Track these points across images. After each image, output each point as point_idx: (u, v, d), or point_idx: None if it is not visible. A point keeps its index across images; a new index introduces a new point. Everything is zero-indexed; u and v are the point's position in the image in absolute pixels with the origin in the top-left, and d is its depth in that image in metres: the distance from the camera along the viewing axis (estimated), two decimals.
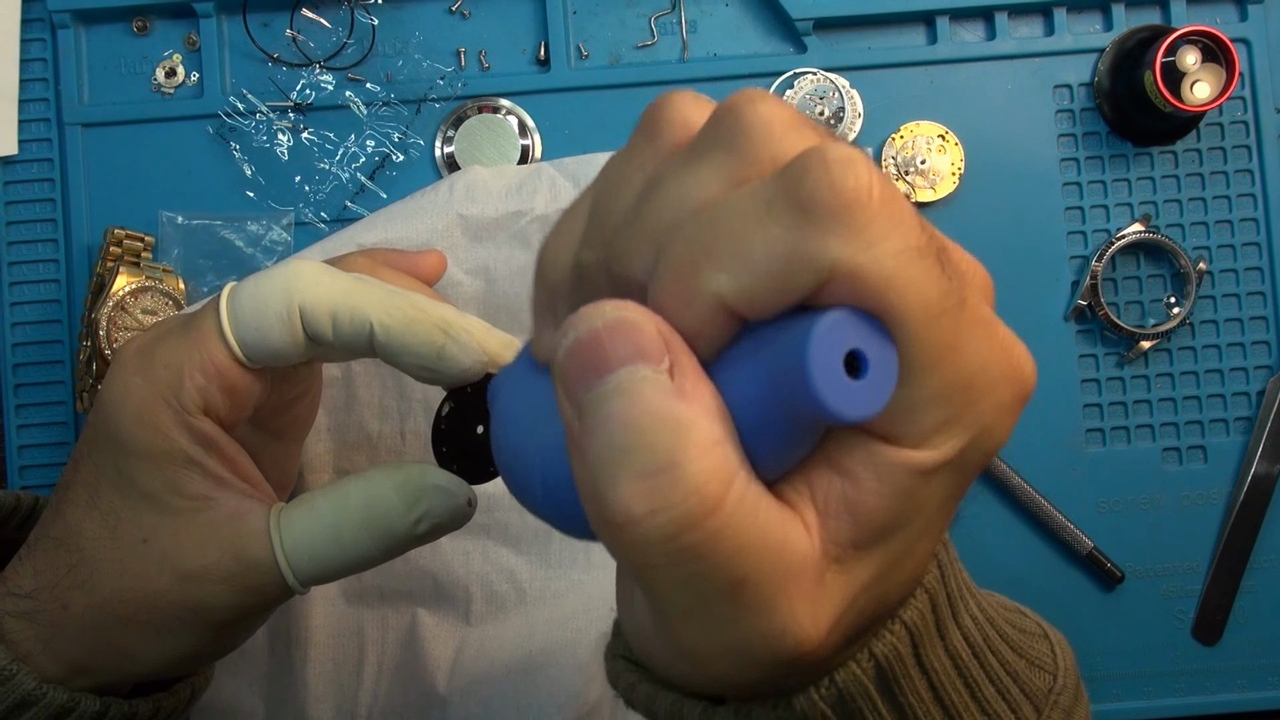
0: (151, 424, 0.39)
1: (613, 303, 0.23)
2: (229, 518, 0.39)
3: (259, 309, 0.39)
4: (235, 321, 0.39)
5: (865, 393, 0.22)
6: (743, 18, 0.59)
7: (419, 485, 0.40)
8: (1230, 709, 0.58)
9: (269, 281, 0.40)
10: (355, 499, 0.40)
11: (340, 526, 0.39)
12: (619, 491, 0.22)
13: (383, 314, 0.40)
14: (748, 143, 0.24)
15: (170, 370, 0.39)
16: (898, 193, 0.22)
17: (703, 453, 0.22)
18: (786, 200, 0.22)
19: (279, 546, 0.39)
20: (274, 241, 0.57)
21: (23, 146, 0.58)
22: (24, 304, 0.58)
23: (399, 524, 0.40)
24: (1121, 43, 0.58)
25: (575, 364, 0.23)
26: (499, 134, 0.58)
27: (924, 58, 0.58)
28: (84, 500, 0.40)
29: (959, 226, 0.58)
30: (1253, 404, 0.58)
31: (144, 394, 0.39)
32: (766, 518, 0.23)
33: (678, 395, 0.22)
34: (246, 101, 0.58)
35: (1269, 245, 0.58)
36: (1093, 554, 0.57)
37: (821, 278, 0.22)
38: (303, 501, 0.40)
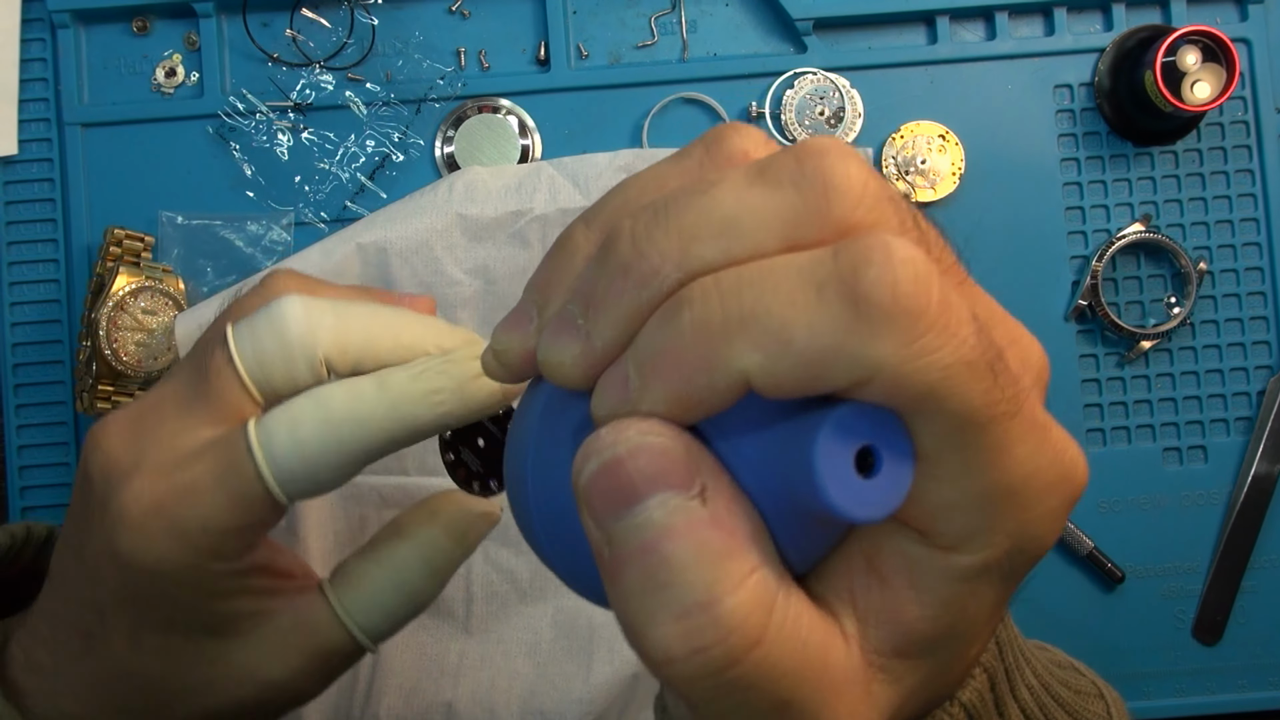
0: (200, 583, 0.36)
1: (637, 424, 0.22)
2: (296, 622, 0.38)
3: (312, 464, 0.35)
4: (283, 479, 0.35)
5: (876, 492, 0.21)
6: (743, 18, 0.59)
7: (465, 521, 0.40)
8: (1230, 709, 0.58)
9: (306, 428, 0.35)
10: (411, 558, 0.39)
11: (404, 588, 0.39)
12: (657, 631, 0.21)
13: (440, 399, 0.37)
14: (824, 195, 0.22)
15: (213, 535, 0.35)
16: (956, 299, 0.21)
17: (741, 584, 0.21)
18: (842, 288, 0.20)
19: (354, 628, 0.39)
20: (274, 241, 0.57)
21: (23, 146, 0.58)
22: (24, 304, 0.58)
23: (458, 561, 0.40)
24: (1122, 43, 0.58)
25: (601, 492, 0.21)
26: (499, 134, 0.58)
27: (924, 58, 0.58)
28: (125, 648, 0.37)
29: (959, 226, 0.58)
30: (1253, 404, 0.58)
31: (186, 560, 0.35)
32: (809, 635, 0.22)
33: (712, 524, 0.21)
34: (246, 101, 0.58)
35: (1269, 245, 0.58)
36: (1093, 554, 0.57)
37: (857, 378, 0.20)
38: (358, 575, 0.39)
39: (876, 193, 0.22)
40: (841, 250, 0.20)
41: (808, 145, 0.22)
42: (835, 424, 0.20)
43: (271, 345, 0.36)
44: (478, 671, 0.56)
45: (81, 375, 0.55)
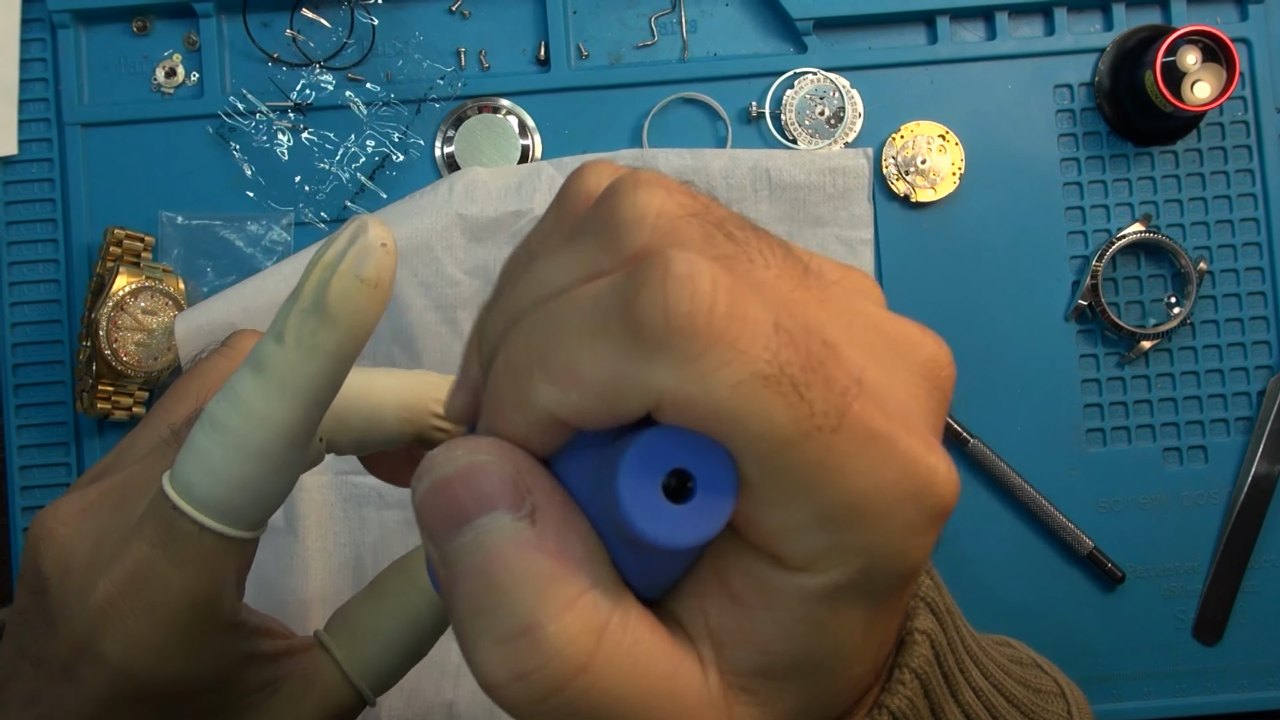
0: (205, 660, 0.33)
1: (466, 443, 0.21)
2: (305, 686, 0.36)
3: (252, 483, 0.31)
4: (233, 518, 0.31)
5: (688, 518, 0.20)
6: (743, 18, 0.59)
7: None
8: (1230, 709, 0.58)
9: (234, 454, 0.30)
10: (414, 608, 0.37)
11: (413, 641, 0.37)
12: (481, 655, 0.20)
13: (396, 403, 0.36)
14: (613, 234, 0.21)
15: (200, 608, 0.32)
16: (752, 310, 0.19)
17: (565, 609, 0.20)
18: (618, 316, 0.20)
19: (363, 687, 0.37)
20: (274, 241, 0.57)
21: (23, 146, 0.58)
22: (24, 304, 0.58)
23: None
24: (1122, 43, 0.58)
25: (432, 511, 0.21)
26: (499, 134, 0.57)
27: (924, 58, 0.58)
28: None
29: (959, 226, 0.58)
30: (1253, 404, 0.58)
31: (181, 641, 0.32)
32: (649, 660, 0.21)
33: (537, 547, 0.20)
34: (246, 101, 0.58)
35: (1269, 245, 0.58)
36: (1093, 554, 0.57)
37: (649, 404, 0.20)
38: (365, 629, 0.37)
39: (671, 212, 0.21)
40: (622, 276, 0.20)
41: (610, 185, 0.22)
42: (639, 450, 0.20)
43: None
44: None
45: (81, 375, 0.55)
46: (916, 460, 0.21)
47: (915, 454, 0.21)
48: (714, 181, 0.56)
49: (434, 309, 0.55)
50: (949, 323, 0.58)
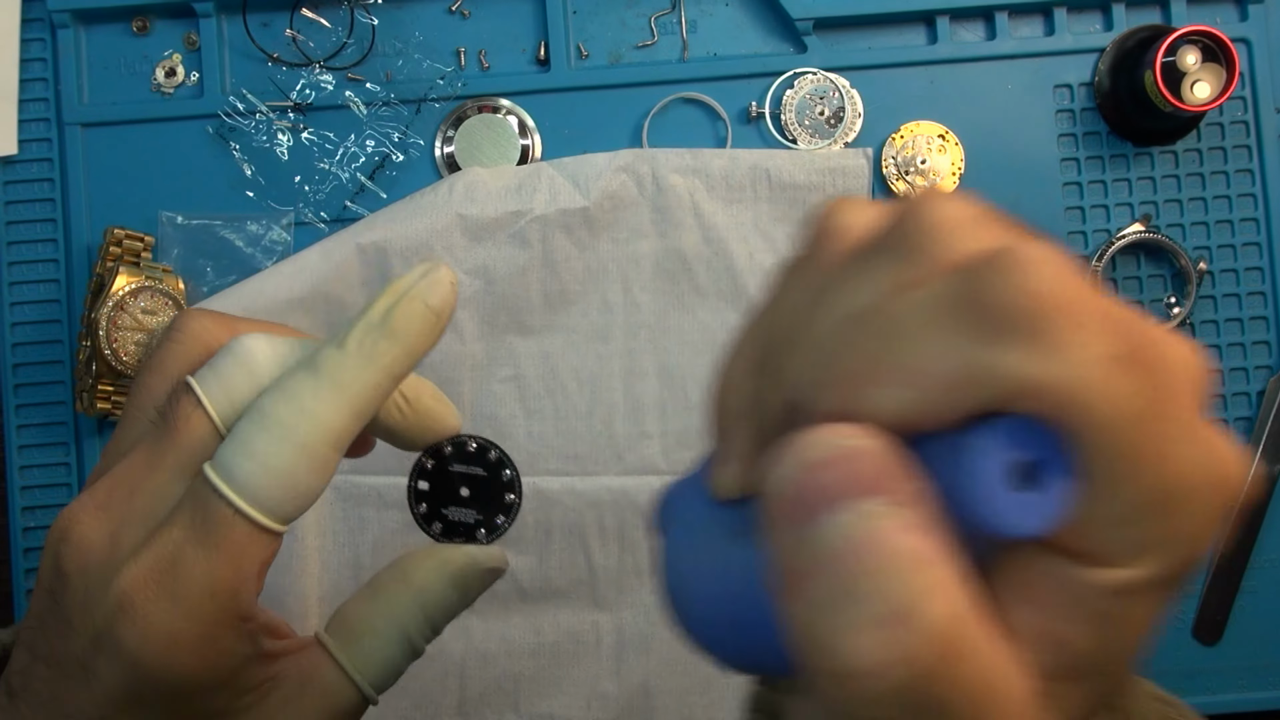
0: (215, 658, 0.33)
1: (836, 428, 0.21)
2: (303, 685, 0.36)
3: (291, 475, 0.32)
4: (263, 504, 0.32)
5: (1038, 506, 0.20)
6: (743, 18, 0.59)
7: (470, 573, 0.39)
8: (1230, 709, 0.58)
9: (269, 452, 0.32)
10: (410, 608, 0.38)
11: (408, 640, 0.38)
12: (851, 641, 0.19)
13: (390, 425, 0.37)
14: (924, 244, 0.22)
15: (221, 596, 0.32)
16: (1091, 291, 0.20)
17: (944, 594, 0.20)
18: (967, 305, 0.20)
19: (363, 684, 0.37)
20: (274, 241, 0.57)
21: (23, 146, 0.58)
22: (24, 304, 0.58)
23: (455, 609, 0.39)
24: (1122, 43, 0.58)
25: (793, 499, 0.21)
26: (499, 134, 0.57)
27: (924, 58, 0.58)
28: None
29: None
30: (1253, 404, 0.58)
31: (197, 634, 0.32)
32: (996, 658, 0.20)
33: (916, 529, 0.20)
34: (246, 101, 0.58)
35: (1269, 245, 0.58)
36: None
37: (1001, 394, 0.20)
38: (362, 627, 0.38)
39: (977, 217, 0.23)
40: (963, 270, 0.21)
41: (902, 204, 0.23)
42: (990, 438, 0.20)
43: (242, 380, 0.34)
44: (482, 671, 0.56)
45: (81, 375, 0.55)
46: (1216, 446, 0.21)
47: (1215, 441, 0.21)
48: (714, 181, 0.56)
49: None
50: None
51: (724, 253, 0.56)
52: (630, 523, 0.56)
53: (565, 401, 0.56)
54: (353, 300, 0.55)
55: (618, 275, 0.56)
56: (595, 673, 0.56)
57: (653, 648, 0.55)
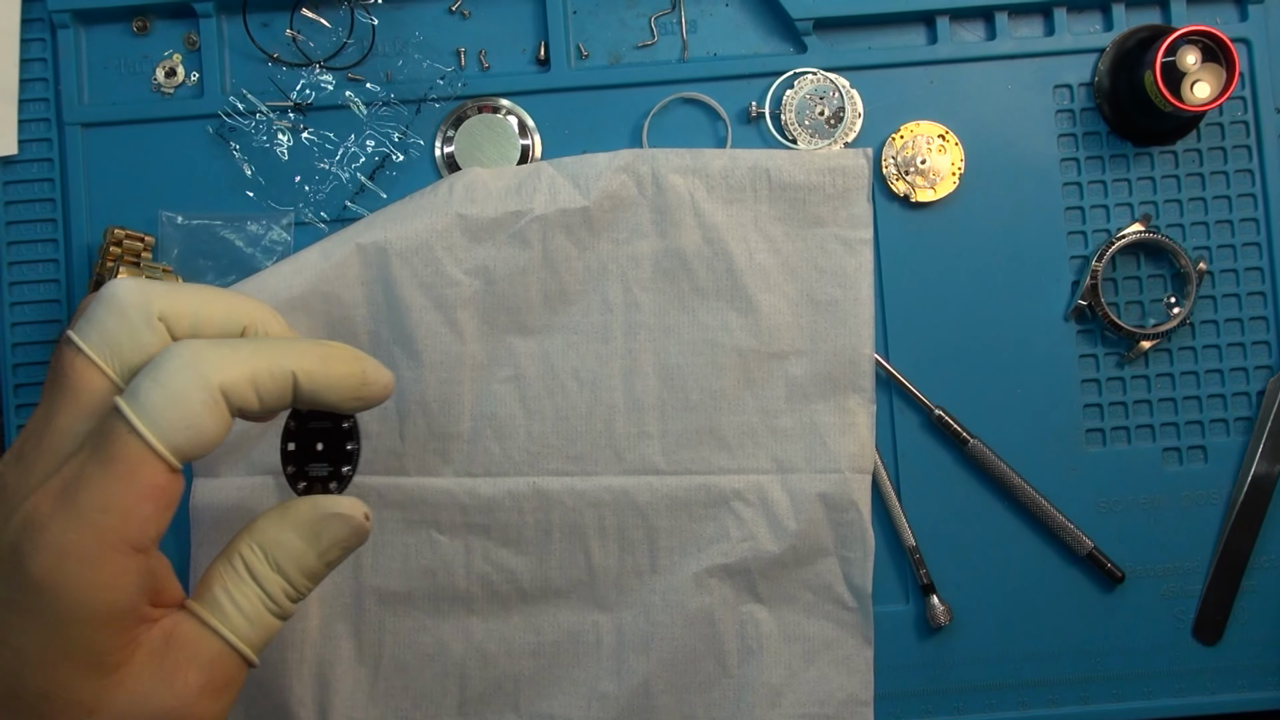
0: (102, 579, 0.34)
1: None
2: (164, 641, 0.37)
3: (183, 408, 0.35)
4: (158, 430, 0.35)
5: None
6: (743, 18, 0.59)
7: (315, 519, 0.40)
8: (1230, 709, 0.58)
9: (175, 377, 0.36)
10: (258, 556, 0.39)
11: (264, 590, 0.39)
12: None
13: (301, 363, 0.38)
14: None
15: (113, 514, 0.34)
16: None
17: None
18: None
19: (228, 636, 0.38)
20: (274, 241, 0.57)
21: (23, 146, 0.58)
22: (24, 304, 0.58)
23: (309, 561, 0.40)
24: (1121, 43, 0.58)
25: None
26: (499, 134, 0.58)
27: (924, 58, 0.58)
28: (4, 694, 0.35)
29: (959, 227, 0.58)
30: (1253, 404, 0.58)
31: (88, 549, 0.34)
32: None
33: None
34: (246, 101, 0.58)
35: (1269, 245, 0.58)
36: (1093, 554, 0.57)
37: None
38: (213, 582, 0.39)
39: None
40: None
41: None
42: None
43: (110, 319, 0.37)
44: (482, 671, 0.56)
45: None
46: None
47: None
48: (714, 182, 0.56)
49: (434, 309, 0.55)
50: (948, 323, 0.58)
51: (724, 252, 0.56)
52: (630, 523, 0.56)
53: (565, 401, 0.56)
54: (351, 299, 0.55)
55: (618, 275, 0.56)
56: (595, 673, 0.56)
57: (653, 648, 0.55)
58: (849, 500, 0.55)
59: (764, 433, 0.56)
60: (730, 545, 0.55)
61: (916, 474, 0.58)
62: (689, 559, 0.55)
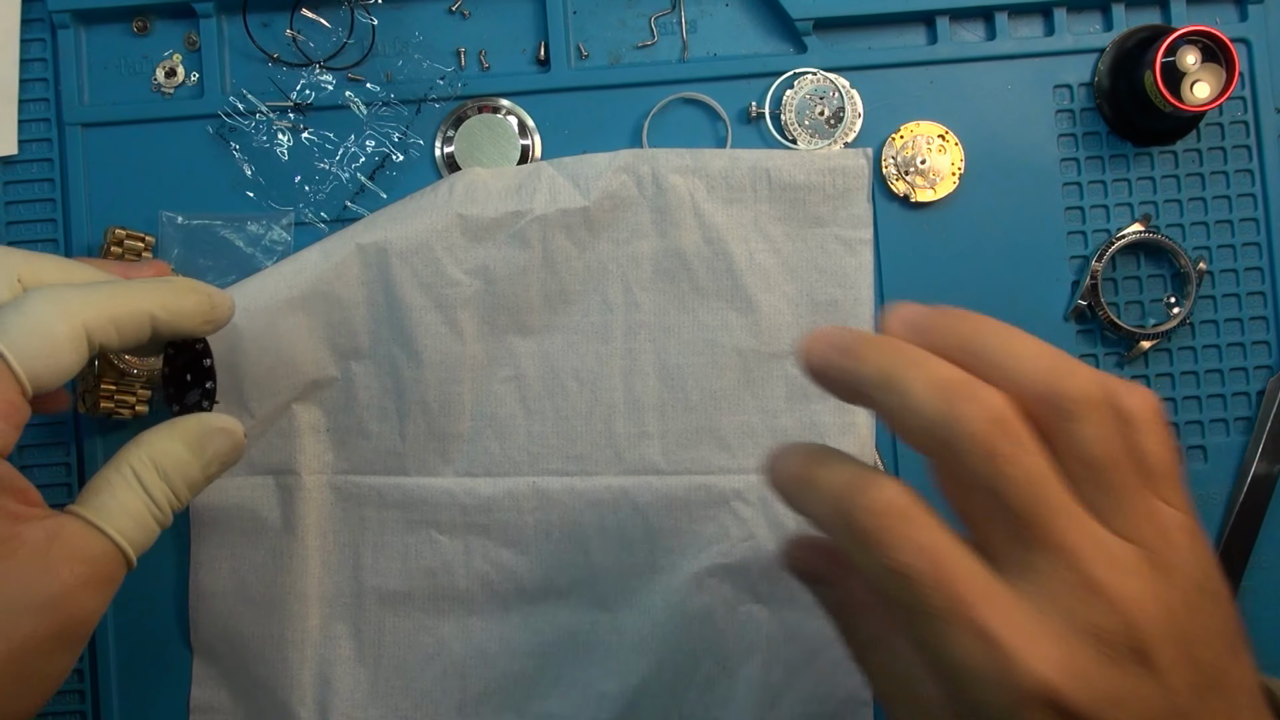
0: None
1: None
2: (51, 538, 0.39)
3: (45, 339, 0.39)
4: (17, 353, 0.39)
5: None
6: (743, 18, 0.59)
7: (201, 433, 0.44)
8: None
9: (40, 310, 0.40)
10: (147, 464, 0.42)
11: (150, 497, 0.42)
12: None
13: (155, 301, 0.42)
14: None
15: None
16: None
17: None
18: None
19: (107, 528, 0.40)
20: (274, 241, 0.57)
21: (23, 146, 0.58)
22: None
23: (193, 472, 0.43)
24: (1121, 43, 0.58)
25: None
26: (499, 134, 0.58)
27: (924, 58, 0.58)
28: None
29: (959, 226, 0.58)
30: (1253, 404, 0.58)
31: None
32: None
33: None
34: (246, 101, 0.58)
35: (1269, 245, 0.58)
36: None
37: None
38: (99, 488, 0.41)
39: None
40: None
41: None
42: None
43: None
44: (482, 671, 0.56)
45: (84, 375, 0.55)
46: None
47: None
48: (714, 182, 0.56)
49: (434, 309, 0.55)
50: None
51: (724, 253, 0.56)
52: (630, 522, 0.56)
53: (565, 402, 0.56)
54: (351, 299, 0.55)
55: (618, 275, 0.56)
56: (595, 673, 0.56)
57: (652, 647, 0.55)
58: None
59: (764, 433, 0.56)
60: (730, 545, 0.55)
61: (916, 474, 0.57)
62: (689, 559, 0.55)
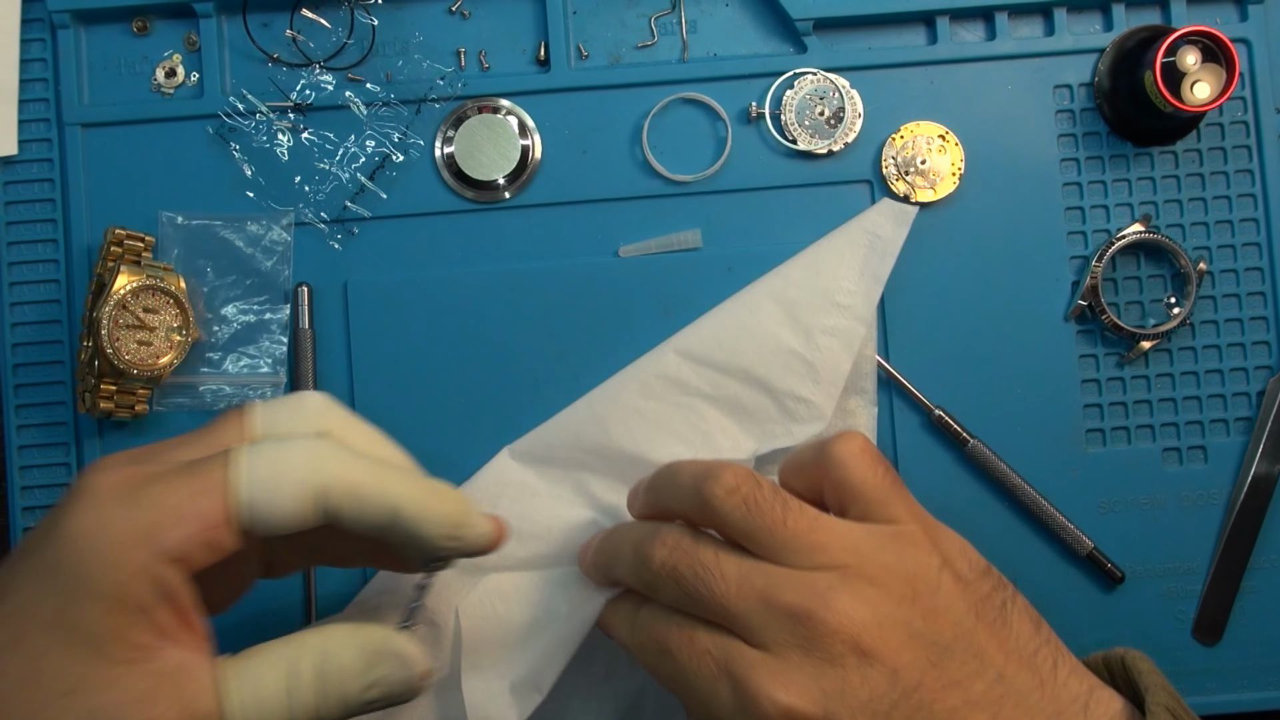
0: (121, 563, 0.35)
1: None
2: (175, 670, 0.36)
3: (278, 477, 0.37)
4: (249, 484, 0.37)
5: None
6: (743, 18, 0.59)
7: (379, 649, 0.39)
8: (1230, 709, 0.58)
9: (293, 452, 0.38)
10: (311, 653, 0.38)
11: (293, 679, 0.38)
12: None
13: (406, 492, 0.39)
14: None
15: (160, 511, 0.36)
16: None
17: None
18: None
19: (230, 697, 0.37)
20: (274, 242, 0.57)
21: (23, 146, 0.58)
22: (24, 304, 0.58)
23: (352, 685, 0.39)
24: (1121, 43, 0.58)
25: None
26: (499, 134, 0.58)
27: (924, 58, 0.58)
28: (2, 641, 0.36)
29: (959, 227, 0.58)
30: (1253, 404, 0.58)
31: (123, 530, 0.36)
32: None
33: None
34: (246, 101, 0.58)
35: (1269, 245, 0.58)
36: (1093, 554, 0.57)
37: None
38: (255, 653, 0.38)
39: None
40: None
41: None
42: None
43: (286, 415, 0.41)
44: None
45: (84, 375, 0.55)
46: None
47: None
48: None
49: None
50: (949, 323, 0.58)
51: None
52: None
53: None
54: None
55: None
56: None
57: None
58: None
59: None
60: None
61: (916, 474, 0.57)
62: None
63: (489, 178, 0.58)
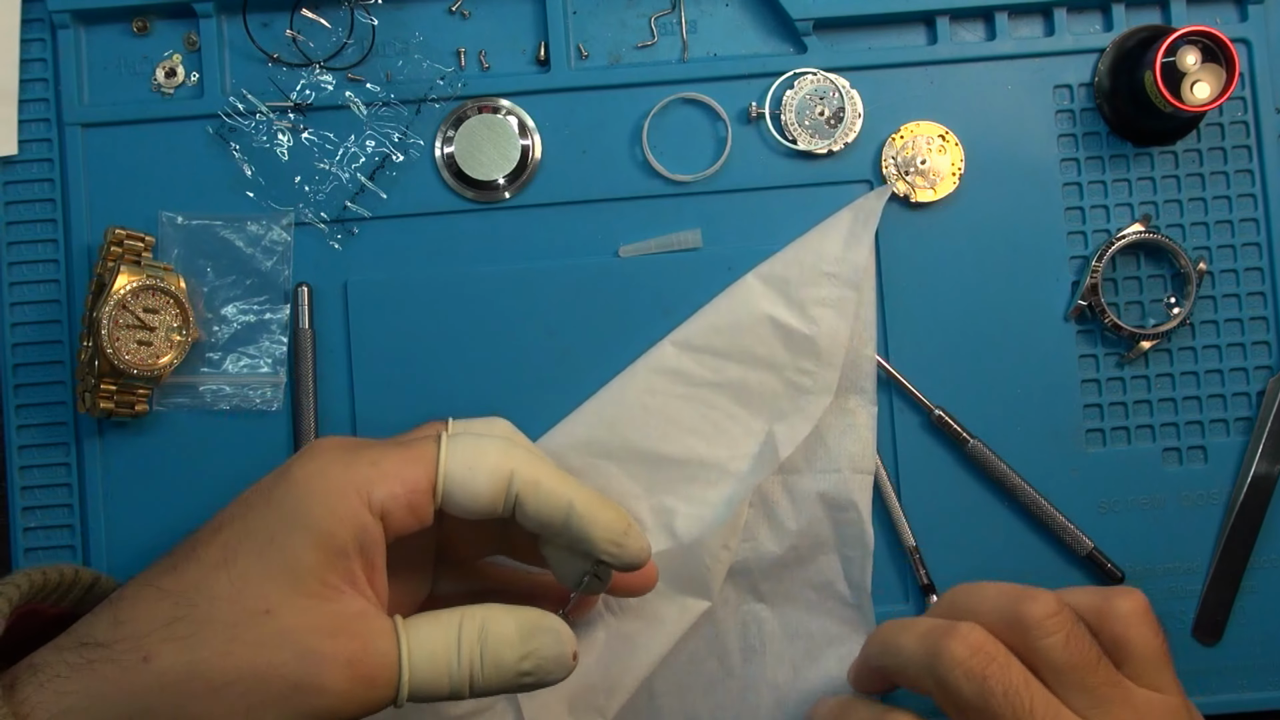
0: (333, 505, 0.41)
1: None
2: (358, 613, 0.41)
3: (476, 459, 0.43)
4: (451, 461, 0.43)
5: None
6: (743, 18, 0.59)
7: (535, 624, 0.43)
8: (1230, 709, 0.58)
9: (489, 444, 0.44)
10: (475, 620, 0.42)
11: (459, 640, 0.42)
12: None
13: (579, 495, 0.44)
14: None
15: (377, 469, 0.42)
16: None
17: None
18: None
19: (403, 645, 0.41)
20: (274, 242, 0.57)
21: (23, 146, 0.58)
22: (24, 304, 0.58)
23: (509, 654, 0.42)
24: (1121, 43, 0.58)
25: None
26: (499, 134, 0.57)
27: (924, 58, 0.58)
28: (215, 560, 0.41)
29: (959, 227, 0.58)
30: (1253, 404, 0.58)
31: (341, 480, 0.41)
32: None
33: None
34: (246, 101, 0.58)
35: (1269, 245, 0.58)
36: (1093, 554, 0.57)
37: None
38: (425, 615, 0.43)
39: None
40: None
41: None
42: None
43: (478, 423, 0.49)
44: None
45: (84, 375, 0.55)
46: None
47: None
48: None
49: None
50: (949, 323, 0.58)
51: None
52: None
53: None
54: None
55: None
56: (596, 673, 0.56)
57: (653, 648, 0.55)
58: (849, 500, 0.55)
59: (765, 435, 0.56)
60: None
61: (916, 474, 0.58)
62: None
63: (489, 178, 0.58)
